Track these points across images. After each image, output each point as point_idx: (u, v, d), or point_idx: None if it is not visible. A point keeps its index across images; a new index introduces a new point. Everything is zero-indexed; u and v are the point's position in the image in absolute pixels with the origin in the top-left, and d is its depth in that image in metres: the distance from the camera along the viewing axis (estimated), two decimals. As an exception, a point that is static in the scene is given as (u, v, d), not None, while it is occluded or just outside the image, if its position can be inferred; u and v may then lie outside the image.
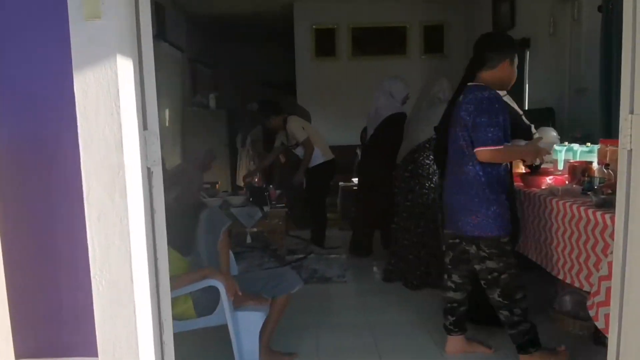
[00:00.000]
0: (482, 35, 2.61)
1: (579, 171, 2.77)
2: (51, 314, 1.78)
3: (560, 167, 3.12)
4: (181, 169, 4.74)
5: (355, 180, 5.61)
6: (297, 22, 7.25)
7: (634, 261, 1.62)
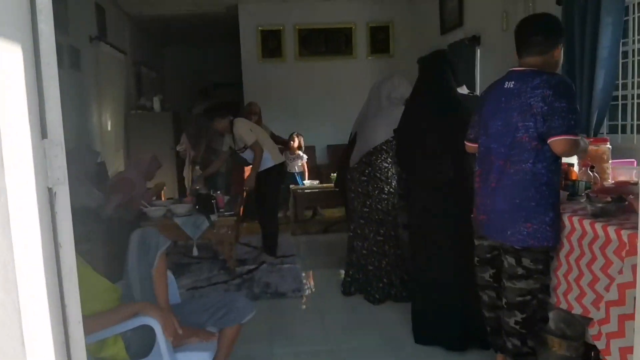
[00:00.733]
0: (530, 17, 2.30)
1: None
2: None
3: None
4: (123, 176, 4.41)
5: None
6: (242, 23, 7.14)
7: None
